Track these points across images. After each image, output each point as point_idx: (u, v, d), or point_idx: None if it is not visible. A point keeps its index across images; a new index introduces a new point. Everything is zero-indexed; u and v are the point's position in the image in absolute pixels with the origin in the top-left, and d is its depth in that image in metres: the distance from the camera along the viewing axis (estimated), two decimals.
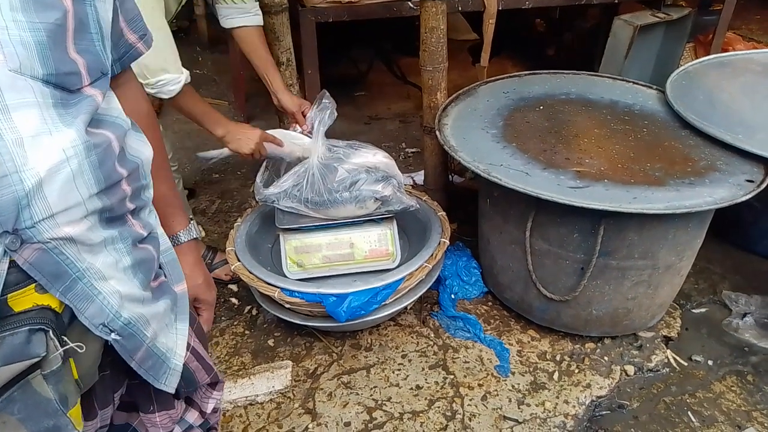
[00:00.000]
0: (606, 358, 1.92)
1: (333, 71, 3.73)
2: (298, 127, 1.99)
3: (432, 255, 1.88)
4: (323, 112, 1.87)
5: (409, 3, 2.32)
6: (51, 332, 0.69)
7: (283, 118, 2.22)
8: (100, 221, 0.73)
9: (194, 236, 1.05)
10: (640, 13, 2.81)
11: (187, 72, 1.68)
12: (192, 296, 1.04)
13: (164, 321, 0.87)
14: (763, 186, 1.68)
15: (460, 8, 2.54)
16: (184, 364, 0.92)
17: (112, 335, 0.76)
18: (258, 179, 1.93)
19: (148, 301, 0.83)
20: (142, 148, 0.84)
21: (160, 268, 0.91)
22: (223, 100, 3.76)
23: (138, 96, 0.94)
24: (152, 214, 0.90)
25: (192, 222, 1.05)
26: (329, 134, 1.91)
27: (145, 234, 0.83)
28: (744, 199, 1.62)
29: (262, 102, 3.34)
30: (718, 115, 1.98)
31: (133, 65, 0.90)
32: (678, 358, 1.94)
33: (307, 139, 1.90)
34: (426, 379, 1.84)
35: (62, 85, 0.67)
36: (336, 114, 1.90)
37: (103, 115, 0.75)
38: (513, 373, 1.87)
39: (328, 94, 1.93)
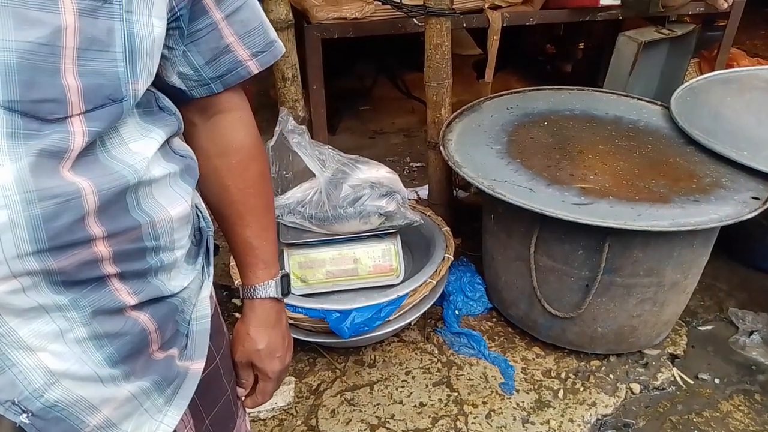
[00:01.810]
0: (611, 375, 1.91)
1: (338, 86, 3.75)
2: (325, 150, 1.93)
3: (436, 271, 1.87)
4: (293, 135, 1.83)
5: (414, 20, 2.34)
6: None
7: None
8: (46, 284, 0.60)
9: (272, 295, 0.89)
10: (644, 29, 2.82)
11: None
12: (246, 361, 0.91)
13: (141, 405, 0.72)
14: None
15: (464, 25, 2.55)
16: None
17: (23, 417, 0.62)
18: None
19: (110, 381, 0.67)
20: (167, 203, 0.70)
21: (186, 336, 0.79)
22: None
23: (236, 127, 0.81)
24: (184, 274, 0.76)
25: (277, 278, 0.90)
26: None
27: (135, 302, 0.68)
28: (749, 216, 1.62)
29: (268, 115, 3.36)
30: (723, 132, 1.98)
31: None
32: (684, 376, 1.92)
33: (317, 170, 1.87)
34: (430, 397, 1.83)
35: (32, 114, 0.56)
36: (302, 130, 1.87)
37: (111, 159, 0.63)
38: (517, 391, 1.85)
39: (285, 113, 1.91)
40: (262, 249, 0.88)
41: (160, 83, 0.73)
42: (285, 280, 0.91)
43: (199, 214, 0.85)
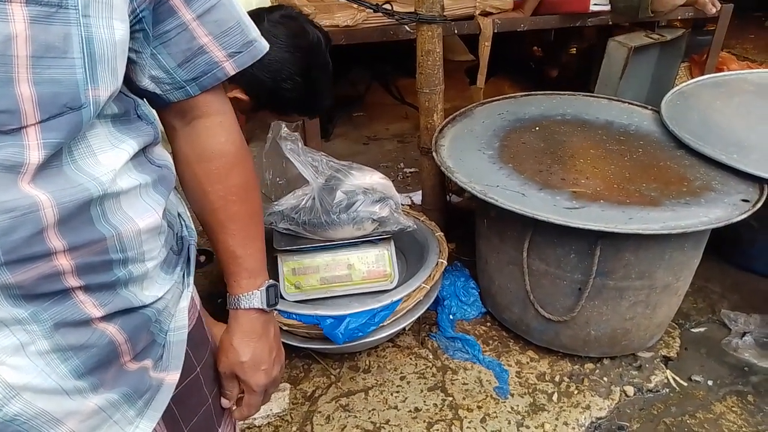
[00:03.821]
0: (605, 378, 1.92)
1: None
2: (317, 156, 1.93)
3: (430, 276, 1.88)
4: (285, 142, 1.81)
5: (406, 27, 2.35)
6: None
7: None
8: (4, 297, 0.59)
9: (256, 306, 0.86)
10: (634, 34, 2.85)
11: None
12: (230, 372, 0.89)
13: (110, 418, 0.71)
14: (759, 205, 1.69)
15: (455, 31, 2.57)
16: None
17: None
18: None
19: (76, 394, 0.66)
20: (136, 215, 0.68)
21: (162, 347, 0.77)
22: None
23: (215, 132, 0.79)
24: (159, 284, 0.75)
25: (263, 289, 0.86)
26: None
27: (101, 314, 0.66)
28: (739, 218, 1.63)
29: (262, 123, 3.37)
30: (713, 135, 2.00)
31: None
32: (678, 378, 1.93)
33: (310, 177, 1.87)
34: (425, 402, 1.83)
35: None
36: (295, 136, 1.85)
37: (77, 171, 0.61)
38: (512, 395, 1.86)
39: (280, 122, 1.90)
40: (246, 258, 0.85)
41: (135, 88, 0.71)
42: (272, 291, 0.88)
43: (183, 222, 0.83)
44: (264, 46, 0.78)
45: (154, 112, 0.76)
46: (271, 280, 0.89)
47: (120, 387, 0.70)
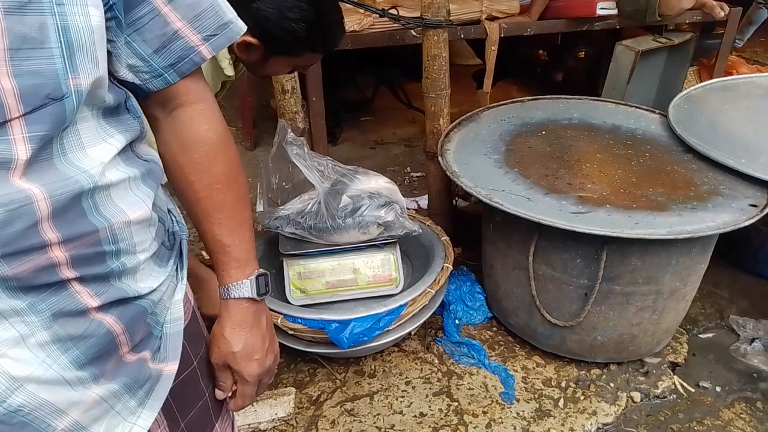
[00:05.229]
0: (612, 384, 1.90)
1: (339, 97, 3.78)
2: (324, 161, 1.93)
3: (435, 280, 1.88)
4: (291, 147, 1.81)
5: (412, 31, 2.36)
6: None
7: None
8: (2, 289, 0.60)
9: (246, 295, 0.85)
10: (641, 38, 2.84)
11: None
12: (223, 363, 0.88)
13: (112, 408, 0.72)
14: (767, 210, 1.68)
15: (462, 36, 2.57)
16: None
17: None
18: (259, 207, 1.94)
19: (78, 384, 0.67)
20: (126, 207, 0.69)
21: (159, 339, 0.78)
22: (230, 126, 3.81)
23: (197, 121, 0.78)
24: (154, 276, 0.76)
25: (252, 278, 0.86)
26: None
27: (98, 304, 0.67)
28: (747, 223, 1.62)
29: (269, 127, 3.39)
30: (721, 140, 1.98)
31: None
32: (685, 384, 1.92)
33: (316, 182, 1.87)
34: (430, 407, 1.83)
35: None
36: (301, 141, 1.85)
37: (67, 165, 0.62)
38: (518, 400, 1.85)
39: (284, 125, 1.88)
40: (234, 247, 0.85)
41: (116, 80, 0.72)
42: (261, 280, 0.87)
43: (173, 218, 0.84)
44: (240, 26, 0.77)
45: (139, 107, 0.77)
46: (261, 269, 0.88)
47: (120, 377, 0.71)
